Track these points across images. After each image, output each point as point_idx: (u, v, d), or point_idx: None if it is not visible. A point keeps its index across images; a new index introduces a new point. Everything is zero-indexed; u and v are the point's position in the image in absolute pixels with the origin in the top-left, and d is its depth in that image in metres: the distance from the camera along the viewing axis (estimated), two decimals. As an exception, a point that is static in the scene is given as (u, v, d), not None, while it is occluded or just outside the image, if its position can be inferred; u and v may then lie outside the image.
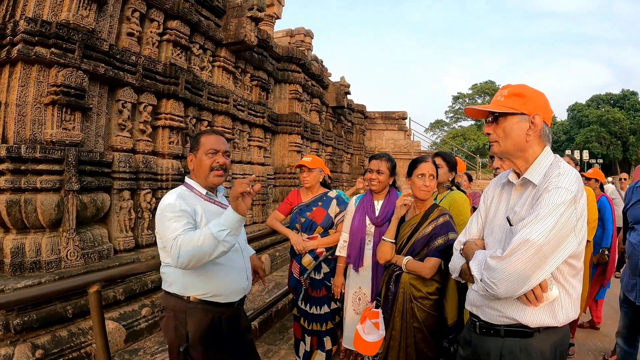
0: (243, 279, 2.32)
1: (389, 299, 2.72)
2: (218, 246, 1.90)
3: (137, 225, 4.67)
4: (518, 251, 1.49)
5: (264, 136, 7.98)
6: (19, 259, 3.42)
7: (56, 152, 3.67)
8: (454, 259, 1.96)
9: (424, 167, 2.75)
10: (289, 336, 4.49)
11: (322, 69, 10.46)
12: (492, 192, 1.93)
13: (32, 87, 3.72)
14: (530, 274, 1.50)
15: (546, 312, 1.60)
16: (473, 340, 1.82)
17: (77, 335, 3.34)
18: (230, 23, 6.34)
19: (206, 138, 2.25)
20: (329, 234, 3.67)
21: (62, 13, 3.89)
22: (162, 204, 2.09)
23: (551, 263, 1.50)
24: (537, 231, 1.48)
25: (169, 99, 5.18)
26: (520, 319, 1.62)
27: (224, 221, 1.92)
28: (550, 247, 1.48)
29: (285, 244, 7.38)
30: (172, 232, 1.97)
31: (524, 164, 1.72)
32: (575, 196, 1.53)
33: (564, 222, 1.49)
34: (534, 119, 1.65)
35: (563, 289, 1.61)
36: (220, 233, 1.89)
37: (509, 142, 1.69)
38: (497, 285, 1.53)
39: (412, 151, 15.22)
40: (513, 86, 1.73)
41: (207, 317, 2.12)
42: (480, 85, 57.17)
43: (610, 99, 52.46)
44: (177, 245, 1.90)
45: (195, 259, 1.90)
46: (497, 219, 1.81)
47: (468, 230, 1.98)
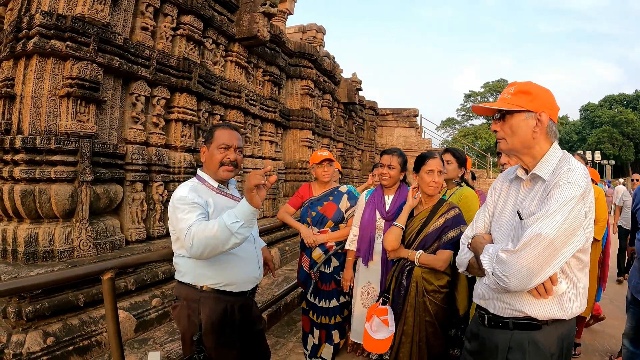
0: (255, 268, 2.35)
1: (401, 293, 2.73)
2: (231, 238, 1.90)
3: (149, 217, 4.73)
4: (530, 245, 1.52)
5: (276, 131, 8.01)
6: (32, 248, 3.48)
7: (70, 143, 3.73)
8: (462, 253, 1.98)
9: (433, 163, 2.76)
10: (297, 329, 4.53)
11: (333, 65, 10.45)
12: (500, 187, 1.95)
13: (47, 79, 3.78)
14: (541, 268, 1.52)
15: (555, 305, 1.63)
16: (481, 333, 1.83)
17: (88, 323, 3.39)
18: (243, 18, 6.36)
19: (220, 132, 2.27)
20: (339, 228, 3.69)
21: (78, 7, 3.94)
22: (174, 197, 2.12)
23: (562, 257, 1.53)
24: (549, 225, 1.50)
25: (182, 92, 5.22)
26: (529, 311, 1.64)
27: (237, 213, 1.92)
28: (561, 241, 1.51)
29: (295, 238, 7.41)
30: (186, 222, 1.99)
31: (531, 160, 1.74)
32: (585, 191, 1.55)
33: (574, 216, 1.52)
34: (540, 117, 1.67)
35: (571, 283, 1.64)
36: (233, 225, 1.89)
37: (516, 139, 1.72)
38: (510, 278, 1.55)
39: (422, 148, 15.12)
40: (520, 83, 1.75)
41: (220, 306, 2.16)
42: (492, 83, 56.66)
43: (624, 100, 51.80)
44: (190, 235, 1.92)
45: (209, 248, 1.91)
46: (505, 213, 1.83)
47: (475, 225, 1.99)
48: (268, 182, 1.91)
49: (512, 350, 1.68)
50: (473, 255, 1.87)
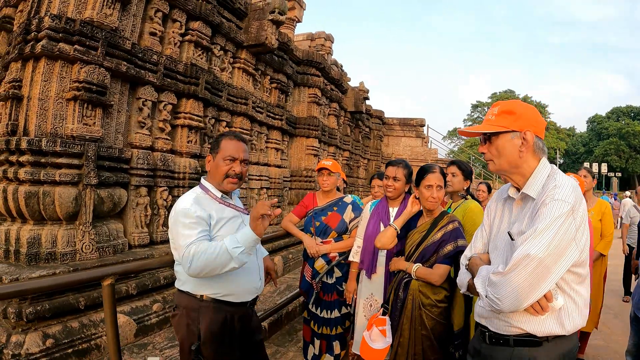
0: (256, 279, 2.33)
1: (398, 306, 2.71)
2: (231, 262, 1.95)
3: (153, 222, 4.72)
4: (519, 266, 1.52)
5: (282, 139, 8.01)
6: (34, 250, 3.49)
7: (76, 146, 3.74)
8: (461, 274, 1.99)
9: (431, 178, 2.74)
10: (297, 338, 4.49)
11: (341, 74, 10.46)
12: (495, 206, 1.97)
13: (54, 82, 3.81)
14: (533, 288, 1.52)
15: (553, 321, 1.62)
16: (483, 350, 1.82)
17: (88, 326, 3.38)
18: (252, 25, 6.39)
19: (226, 143, 2.25)
20: (342, 239, 3.66)
21: (87, 11, 3.97)
22: (177, 207, 2.10)
23: (554, 275, 1.53)
24: (537, 245, 1.50)
25: (189, 98, 5.24)
26: (528, 328, 1.63)
27: (240, 238, 1.97)
28: (552, 259, 1.50)
29: (298, 246, 7.38)
30: (186, 239, 1.99)
31: (521, 179, 1.75)
32: (573, 206, 1.54)
33: (563, 233, 1.51)
34: (525, 135, 1.68)
35: (569, 298, 1.63)
36: (235, 250, 1.94)
37: (503, 160, 1.74)
38: (502, 300, 1.56)
39: (429, 158, 15.10)
40: (503, 103, 1.77)
41: (220, 316, 2.14)
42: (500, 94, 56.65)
43: (631, 112, 51.70)
44: (190, 254, 1.93)
45: (207, 270, 1.94)
46: (501, 233, 1.84)
47: (473, 245, 2.01)
48: (273, 214, 1.95)
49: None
50: (472, 276, 1.87)
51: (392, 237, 2.75)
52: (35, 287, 2.00)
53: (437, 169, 2.78)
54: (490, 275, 1.63)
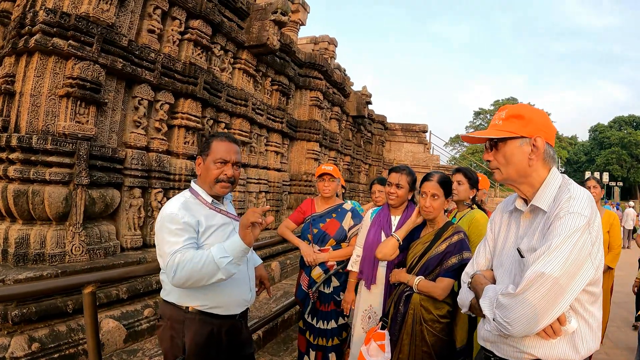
0: (246, 291, 2.20)
1: (398, 320, 2.57)
2: (217, 273, 1.83)
3: (146, 224, 4.60)
4: (532, 286, 1.38)
5: (282, 142, 7.90)
6: (23, 250, 3.37)
7: (68, 145, 3.62)
8: (462, 293, 1.83)
9: (426, 186, 2.62)
10: (293, 347, 4.36)
11: (344, 77, 10.37)
12: (499, 219, 1.81)
13: (47, 78, 3.70)
14: (547, 310, 1.38)
15: (566, 345, 1.48)
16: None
17: (76, 331, 3.25)
18: (253, 26, 6.29)
19: (217, 144, 2.11)
20: (341, 247, 3.54)
21: (83, 6, 3.86)
22: (163, 212, 1.98)
23: (569, 295, 1.39)
24: (552, 263, 1.37)
25: (187, 98, 5.12)
26: (539, 354, 1.49)
27: (228, 248, 1.84)
28: (567, 278, 1.37)
29: (296, 251, 7.25)
30: (171, 247, 1.87)
31: (529, 190, 1.61)
32: (589, 220, 1.42)
33: (579, 249, 1.38)
34: (535, 142, 1.55)
35: (582, 319, 1.49)
36: (222, 260, 1.81)
37: (511, 169, 1.60)
38: (512, 325, 1.42)
39: (431, 165, 15.00)
40: (511, 107, 1.64)
41: (206, 329, 2.02)
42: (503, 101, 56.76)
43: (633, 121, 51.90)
44: (174, 263, 1.82)
45: (192, 280, 1.83)
46: (507, 249, 1.69)
47: (475, 261, 1.86)
48: (264, 222, 1.83)
49: None
50: (474, 295, 1.72)
51: (393, 248, 2.63)
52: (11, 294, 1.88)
53: (435, 177, 2.63)
54: (499, 296, 1.48)
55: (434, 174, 2.69)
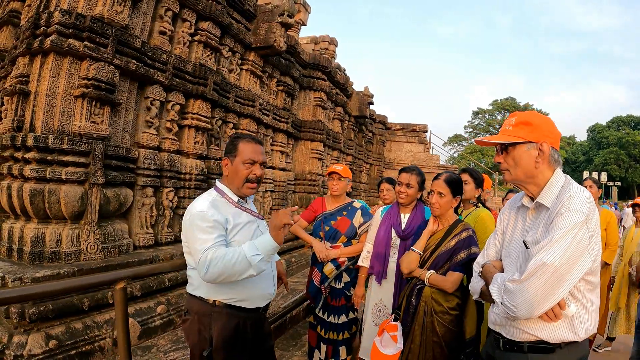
0: (270, 285, 2.28)
1: (410, 312, 2.70)
2: (249, 269, 1.91)
3: (158, 223, 4.66)
4: (535, 274, 1.56)
5: (287, 142, 7.96)
6: (38, 248, 3.42)
7: (83, 144, 3.68)
8: (474, 281, 2.02)
9: (434, 184, 2.79)
10: (302, 343, 4.44)
11: (346, 78, 10.44)
12: (508, 215, 2.01)
13: (63, 78, 3.75)
14: (548, 295, 1.57)
15: (566, 328, 1.66)
16: (496, 356, 1.86)
17: (92, 328, 3.31)
18: (260, 27, 6.35)
19: (245, 145, 2.18)
20: (351, 243, 3.64)
21: (97, 7, 3.92)
22: (193, 210, 2.04)
23: (568, 283, 1.57)
24: (553, 254, 1.55)
25: (197, 99, 5.18)
26: (542, 335, 1.68)
27: (259, 246, 1.94)
28: (566, 268, 1.55)
29: (301, 250, 7.33)
30: (202, 244, 1.93)
31: (536, 189, 1.79)
32: (587, 216, 1.59)
33: (578, 242, 1.56)
34: (542, 147, 1.73)
35: (581, 305, 1.67)
36: (254, 257, 1.90)
37: (519, 170, 1.78)
38: (517, 307, 1.60)
39: (430, 164, 15.06)
40: (520, 114, 1.82)
41: (233, 322, 2.09)
42: (501, 101, 56.91)
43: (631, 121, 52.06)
44: (206, 260, 1.88)
45: (224, 276, 1.90)
46: (514, 241, 1.88)
47: (486, 252, 2.06)
48: (293, 222, 1.95)
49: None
50: (485, 283, 1.90)
51: (415, 261, 2.74)
52: (47, 291, 1.93)
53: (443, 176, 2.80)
54: (506, 282, 1.66)
55: (444, 173, 2.85)
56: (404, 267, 2.78)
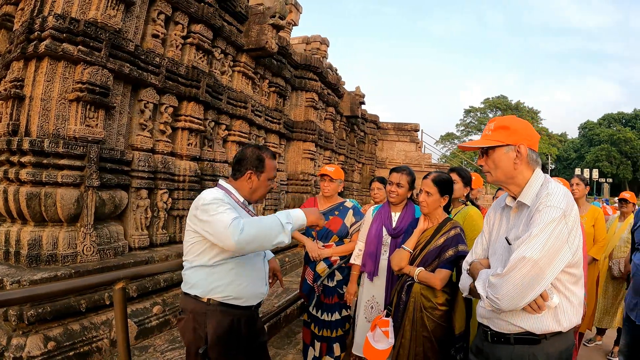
0: (263, 284, 2.36)
1: (400, 308, 2.78)
2: (280, 235, 2.00)
3: (153, 224, 4.71)
4: (516, 267, 1.64)
5: (279, 142, 8.02)
6: (35, 251, 3.46)
7: (78, 148, 3.72)
8: (463, 279, 2.11)
9: (422, 183, 2.85)
10: (296, 341, 4.50)
11: (337, 78, 10.51)
12: (493, 215, 2.09)
13: (57, 82, 3.79)
14: (529, 287, 1.63)
15: (550, 319, 1.74)
16: (485, 348, 1.93)
17: (89, 329, 3.36)
18: (252, 29, 6.41)
19: (270, 163, 2.33)
20: (344, 242, 3.70)
21: (91, 11, 3.96)
22: (206, 198, 2.08)
23: (549, 275, 1.64)
24: (532, 248, 1.63)
25: (190, 101, 5.23)
26: (527, 326, 1.75)
27: (293, 216, 2.08)
28: (546, 261, 1.62)
29: (294, 249, 7.40)
30: (228, 217, 1.97)
31: (517, 189, 1.87)
32: (565, 212, 1.67)
33: (556, 237, 1.64)
34: (519, 149, 1.82)
35: (564, 297, 1.75)
36: (287, 224, 2.02)
37: (499, 172, 1.87)
38: (501, 300, 1.68)
39: (422, 163, 15.17)
40: (498, 119, 1.91)
41: (227, 320, 2.15)
42: (493, 99, 57.10)
43: (622, 118, 52.39)
44: (239, 224, 1.93)
45: (257, 240, 1.96)
46: (499, 240, 1.96)
47: (474, 251, 2.12)
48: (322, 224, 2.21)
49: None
50: (473, 280, 1.97)
51: (405, 259, 2.81)
52: (49, 292, 1.98)
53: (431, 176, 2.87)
54: (490, 277, 1.74)
55: (433, 173, 2.92)
56: (394, 264, 2.85)
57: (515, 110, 54.88)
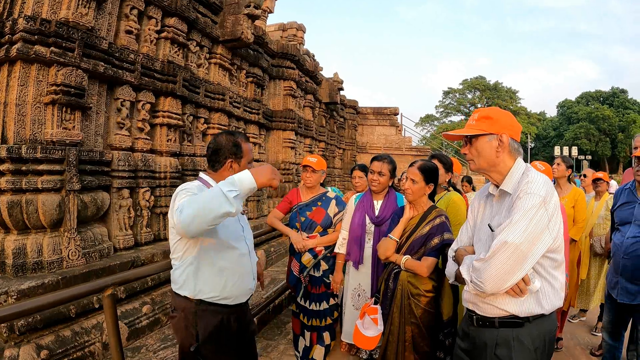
0: (250, 280, 2.37)
1: (388, 295, 2.84)
2: (224, 204, 1.79)
3: (136, 224, 4.69)
4: (498, 252, 1.70)
5: (259, 132, 8.00)
6: (21, 260, 3.42)
7: (57, 152, 3.66)
8: (449, 266, 2.16)
9: (408, 171, 2.91)
10: (286, 331, 4.57)
11: (315, 65, 10.47)
12: (478, 203, 2.15)
13: (31, 86, 3.70)
14: (511, 271, 1.70)
15: (533, 302, 1.80)
16: (471, 332, 2.00)
17: (81, 334, 3.36)
18: (227, 20, 6.33)
19: (246, 145, 2.29)
20: (327, 233, 3.75)
21: (62, 11, 3.85)
22: (180, 188, 2.10)
23: (530, 259, 1.71)
24: (513, 233, 1.69)
25: (167, 96, 5.18)
26: (511, 310, 1.82)
27: (237, 181, 1.86)
28: (527, 246, 1.68)
29: (279, 239, 7.44)
30: (182, 199, 1.96)
31: (499, 177, 1.93)
32: (545, 199, 1.73)
33: (536, 222, 1.70)
34: (501, 138, 1.88)
35: (545, 281, 1.81)
36: (229, 192, 1.80)
37: (482, 160, 1.93)
38: (484, 283, 1.74)
39: (403, 146, 15.30)
40: (482, 110, 1.96)
41: (216, 318, 2.18)
42: (471, 80, 57.37)
43: (600, 97, 53.01)
44: (181, 204, 1.85)
45: (200, 216, 1.79)
46: (483, 227, 2.01)
47: (459, 239, 2.19)
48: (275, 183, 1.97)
49: (499, 346, 1.85)
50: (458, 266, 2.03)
51: (392, 248, 2.86)
52: (39, 305, 1.98)
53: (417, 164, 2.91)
54: (474, 262, 1.81)
55: (419, 161, 2.96)
56: (381, 253, 2.90)
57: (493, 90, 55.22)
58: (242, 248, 2.29)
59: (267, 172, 1.91)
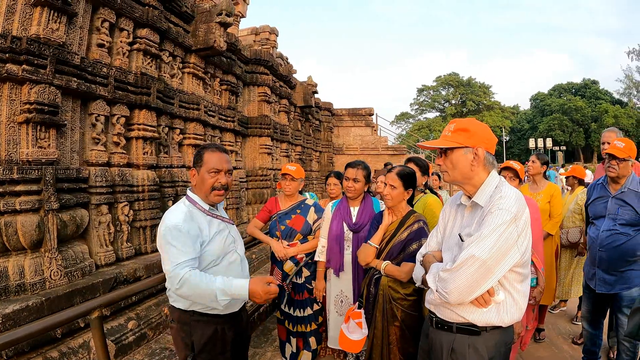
0: None
1: (370, 300, 2.91)
2: (213, 303, 2.06)
3: (117, 239, 4.64)
4: (465, 264, 1.74)
5: (235, 140, 8.00)
6: (3, 283, 3.35)
7: (33, 171, 3.61)
8: (417, 270, 2.22)
9: (387, 177, 2.95)
10: (272, 338, 4.60)
11: (289, 69, 10.52)
12: (449, 211, 2.17)
13: (4, 105, 3.63)
14: (476, 284, 1.74)
15: (493, 313, 1.84)
16: (430, 333, 2.06)
17: (68, 354, 3.33)
18: (199, 29, 6.32)
19: (209, 155, 2.28)
20: (307, 240, 3.81)
21: (32, 27, 3.79)
22: (168, 222, 2.13)
23: (496, 274, 1.74)
24: (481, 248, 1.72)
25: (142, 109, 5.14)
26: (470, 318, 1.86)
27: (234, 290, 2.05)
28: (494, 261, 1.71)
29: (260, 246, 7.44)
30: (176, 258, 2.04)
31: (472, 189, 1.94)
32: (516, 215, 1.75)
33: (505, 239, 1.72)
34: (477, 151, 1.89)
35: (509, 294, 1.84)
36: (222, 300, 2.03)
37: (456, 172, 1.94)
38: (449, 294, 1.78)
39: (379, 146, 15.47)
40: (459, 122, 1.97)
41: (210, 329, 2.23)
42: (444, 77, 58.14)
43: (572, 88, 54.30)
44: (181, 278, 2.00)
45: (192, 299, 2.11)
46: (453, 235, 2.05)
47: (428, 244, 2.23)
48: (268, 299, 2.11)
49: (454, 351, 1.91)
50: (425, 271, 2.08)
51: (372, 254, 2.92)
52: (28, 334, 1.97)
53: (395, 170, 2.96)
54: (440, 272, 1.84)
55: (397, 167, 3.03)
56: (361, 259, 2.96)
57: (467, 86, 56.08)
58: (232, 256, 2.36)
59: (265, 294, 2.07)
